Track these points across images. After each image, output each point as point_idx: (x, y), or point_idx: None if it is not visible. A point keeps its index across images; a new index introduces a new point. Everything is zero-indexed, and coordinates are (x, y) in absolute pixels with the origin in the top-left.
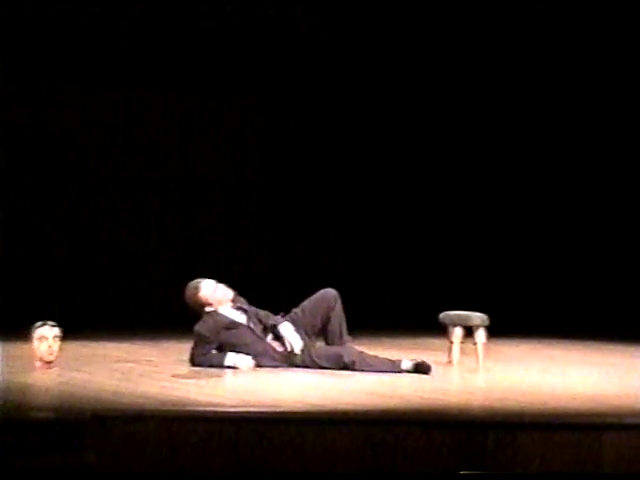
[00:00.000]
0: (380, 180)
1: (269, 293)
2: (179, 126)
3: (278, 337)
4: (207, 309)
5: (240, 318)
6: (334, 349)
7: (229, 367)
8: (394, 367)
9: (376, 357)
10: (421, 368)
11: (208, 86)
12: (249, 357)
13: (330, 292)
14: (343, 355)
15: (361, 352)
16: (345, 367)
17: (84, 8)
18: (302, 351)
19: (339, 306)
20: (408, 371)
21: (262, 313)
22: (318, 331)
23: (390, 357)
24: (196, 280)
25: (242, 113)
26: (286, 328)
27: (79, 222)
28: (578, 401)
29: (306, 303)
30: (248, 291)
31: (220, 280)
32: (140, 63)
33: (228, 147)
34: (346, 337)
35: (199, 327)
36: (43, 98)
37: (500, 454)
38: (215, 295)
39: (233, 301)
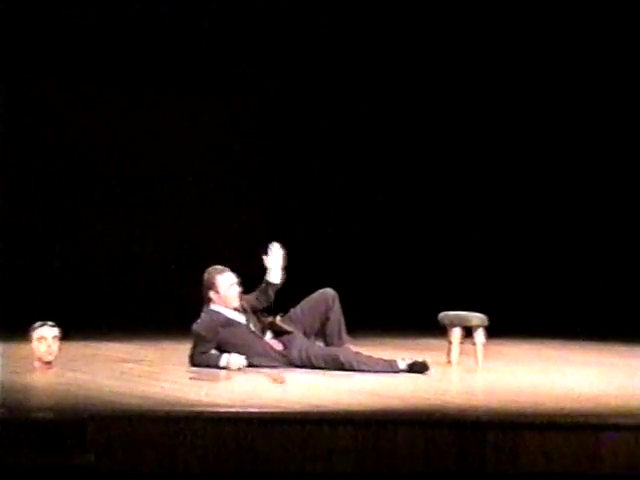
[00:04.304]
0: (379, 180)
1: None
2: (178, 125)
3: (277, 335)
4: (211, 295)
5: (238, 317)
6: (331, 350)
7: (224, 368)
8: (391, 367)
9: (372, 358)
10: (417, 367)
11: (206, 85)
12: (242, 357)
13: (328, 292)
14: (339, 356)
15: (357, 353)
16: (342, 368)
17: (85, 8)
18: (299, 351)
19: (337, 306)
20: (405, 371)
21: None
22: (317, 331)
23: (387, 357)
24: (226, 268)
25: (241, 113)
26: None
27: (79, 222)
28: (578, 401)
29: (304, 303)
30: (248, 291)
31: None
32: (141, 64)
33: (227, 148)
34: (345, 337)
35: (196, 326)
36: (43, 99)
37: (500, 454)
38: (228, 291)
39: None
